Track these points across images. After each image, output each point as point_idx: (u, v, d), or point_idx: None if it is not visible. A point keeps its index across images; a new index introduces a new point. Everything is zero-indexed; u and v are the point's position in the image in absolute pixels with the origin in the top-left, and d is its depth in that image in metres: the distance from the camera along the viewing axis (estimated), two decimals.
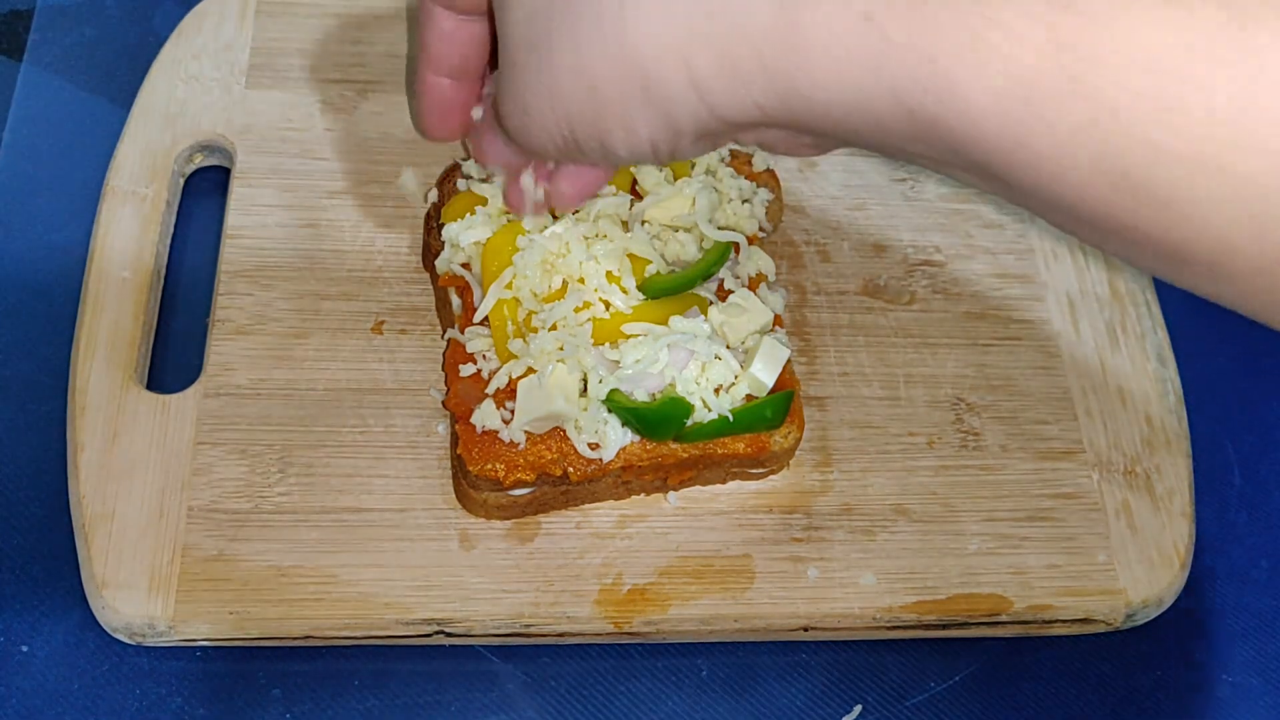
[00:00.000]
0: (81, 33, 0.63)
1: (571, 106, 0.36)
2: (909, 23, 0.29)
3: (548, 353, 0.47)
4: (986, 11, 0.28)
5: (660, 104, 0.34)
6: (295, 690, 0.47)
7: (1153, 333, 0.57)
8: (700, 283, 0.50)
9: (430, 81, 0.44)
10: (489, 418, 0.47)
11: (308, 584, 0.47)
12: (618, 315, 0.49)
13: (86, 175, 0.56)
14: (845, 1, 0.30)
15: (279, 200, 0.55)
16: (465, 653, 0.48)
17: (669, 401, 0.47)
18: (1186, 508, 0.53)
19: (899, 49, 0.29)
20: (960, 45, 0.28)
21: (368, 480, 0.49)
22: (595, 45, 0.34)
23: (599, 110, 0.35)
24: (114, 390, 0.50)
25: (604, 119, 0.35)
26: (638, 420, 0.47)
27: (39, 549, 0.48)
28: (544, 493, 0.48)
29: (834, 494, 0.51)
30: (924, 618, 0.49)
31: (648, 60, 0.33)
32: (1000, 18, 0.28)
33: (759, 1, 0.31)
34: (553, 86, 0.36)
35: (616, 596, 0.48)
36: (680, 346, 0.47)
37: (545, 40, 0.35)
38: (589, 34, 0.34)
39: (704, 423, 0.47)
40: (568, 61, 0.35)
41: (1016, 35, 0.28)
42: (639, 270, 0.50)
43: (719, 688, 0.49)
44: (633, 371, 0.47)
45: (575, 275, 0.49)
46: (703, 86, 0.33)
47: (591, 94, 0.35)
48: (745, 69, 0.32)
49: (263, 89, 0.59)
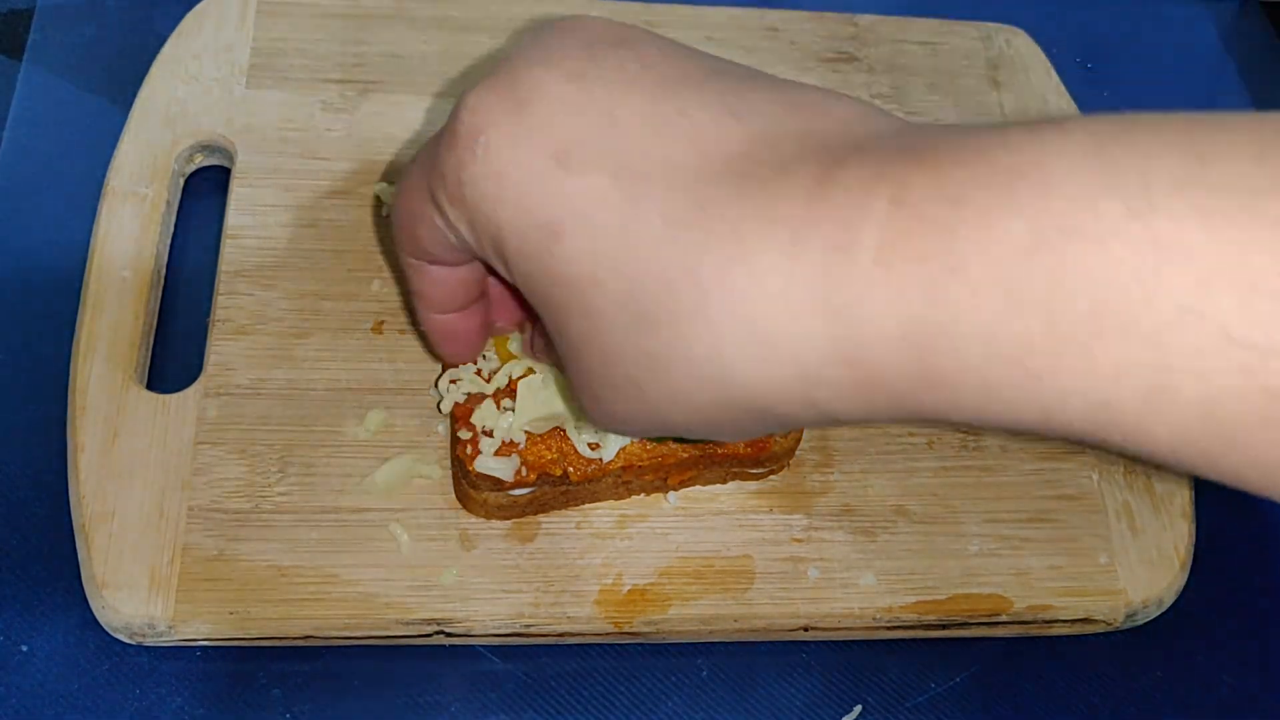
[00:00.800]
0: (81, 32, 0.62)
1: (670, 420, 0.33)
2: (1076, 376, 0.27)
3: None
4: (1172, 361, 0.25)
5: (778, 422, 0.32)
6: (295, 690, 0.47)
7: None
8: None
9: (434, 320, 0.42)
10: (489, 418, 0.47)
11: (308, 584, 0.47)
12: None
13: (86, 175, 0.56)
14: (990, 352, 0.27)
15: (279, 200, 0.55)
16: (465, 653, 0.48)
17: None
18: (1186, 508, 0.53)
19: (1071, 396, 0.27)
20: (1137, 393, 0.26)
21: (368, 479, 0.49)
22: (692, 385, 0.31)
23: (705, 426, 0.33)
24: (114, 390, 0.50)
25: (711, 432, 0.34)
26: None
27: (39, 549, 0.48)
28: (544, 493, 0.48)
29: (834, 494, 0.51)
30: (924, 618, 0.49)
31: (759, 400, 0.31)
32: (1187, 365, 0.25)
33: (887, 346, 0.29)
34: (643, 409, 0.33)
35: (617, 596, 0.48)
36: None
37: (625, 376, 0.32)
38: (682, 376, 0.31)
39: None
40: (661, 393, 0.32)
41: (1202, 371, 0.25)
42: None
43: (719, 688, 0.49)
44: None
45: None
46: (825, 408, 0.31)
47: (694, 414, 0.32)
48: (876, 402, 0.30)
49: (263, 89, 0.59)
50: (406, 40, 0.61)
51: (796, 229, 0.29)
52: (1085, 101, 0.65)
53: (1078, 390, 0.27)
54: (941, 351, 0.28)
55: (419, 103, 0.59)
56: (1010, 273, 0.27)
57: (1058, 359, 0.27)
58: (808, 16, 0.66)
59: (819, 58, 0.64)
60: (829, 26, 0.66)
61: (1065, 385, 0.27)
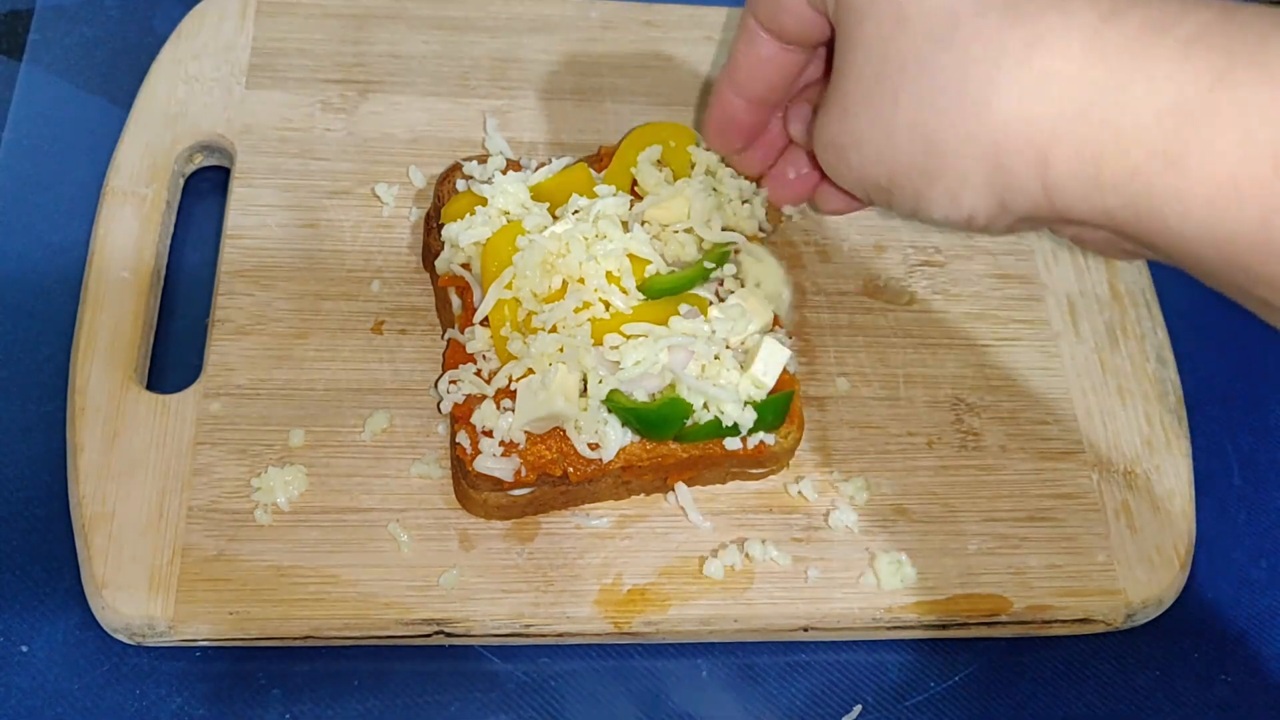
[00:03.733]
0: (81, 33, 0.62)
1: (899, 161, 0.35)
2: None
3: (548, 354, 0.47)
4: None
5: (999, 185, 0.33)
6: (295, 690, 0.47)
7: (1152, 333, 0.57)
8: (700, 283, 0.50)
9: (726, 97, 0.44)
10: (489, 418, 0.47)
11: (307, 584, 0.47)
12: (618, 315, 0.48)
13: (86, 175, 0.56)
14: (1249, 141, 0.29)
15: (279, 200, 0.55)
16: (465, 653, 0.48)
17: (669, 402, 0.47)
18: (1186, 508, 0.53)
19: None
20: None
21: (367, 480, 0.49)
22: (948, 112, 0.33)
23: (929, 174, 0.34)
24: (114, 390, 0.50)
25: (931, 183, 0.35)
26: (638, 421, 0.47)
27: (39, 549, 0.48)
28: (544, 493, 0.48)
29: (834, 494, 0.51)
30: (924, 618, 0.49)
31: (1002, 143, 0.32)
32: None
33: (1148, 117, 0.30)
34: (886, 136, 0.35)
35: (616, 596, 0.48)
36: (680, 348, 0.47)
37: (891, 90, 0.34)
38: (944, 99, 0.33)
39: (703, 423, 0.47)
40: (910, 117, 0.34)
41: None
42: (639, 270, 0.50)
43: (719, 688, 0.49)
44: (633, 373, 0.47)
45: (575, 275, 0.49)
46: (1053, 182, 0.32)
47: (926, 156, 0.34)
48: (1109, 179, 0.31)
49: (263, 89, 0.59)
50: (406, 40, 0.61)
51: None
52: None
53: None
54: (1196, 158, 0.30)
55: (418, 102, 0.59)
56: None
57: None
58: None
59: None
60: None
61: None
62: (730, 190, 0.53)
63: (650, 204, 0.52)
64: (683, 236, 0.51)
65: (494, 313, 0.49)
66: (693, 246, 0.52)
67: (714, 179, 0.53)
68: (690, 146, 0.54)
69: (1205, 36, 0.30)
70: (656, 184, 0.52)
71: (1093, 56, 0.31)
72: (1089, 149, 0.32)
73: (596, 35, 0.63)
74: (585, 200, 0.51)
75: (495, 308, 0.49)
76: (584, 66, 0.62)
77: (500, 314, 0.49)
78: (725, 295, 0.51)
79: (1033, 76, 0.32)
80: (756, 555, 0.49)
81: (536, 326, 0.48)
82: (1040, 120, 0.32)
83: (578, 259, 0.48)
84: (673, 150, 0.54)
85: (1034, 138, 0.32)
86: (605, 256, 0.49)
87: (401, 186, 0.56)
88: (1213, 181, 0.30)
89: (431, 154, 0.57)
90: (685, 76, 0.62)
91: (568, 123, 0.60)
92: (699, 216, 0.51)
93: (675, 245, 0.51)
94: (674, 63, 0.63)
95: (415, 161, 0.57)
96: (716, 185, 0.53)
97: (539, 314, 0.48)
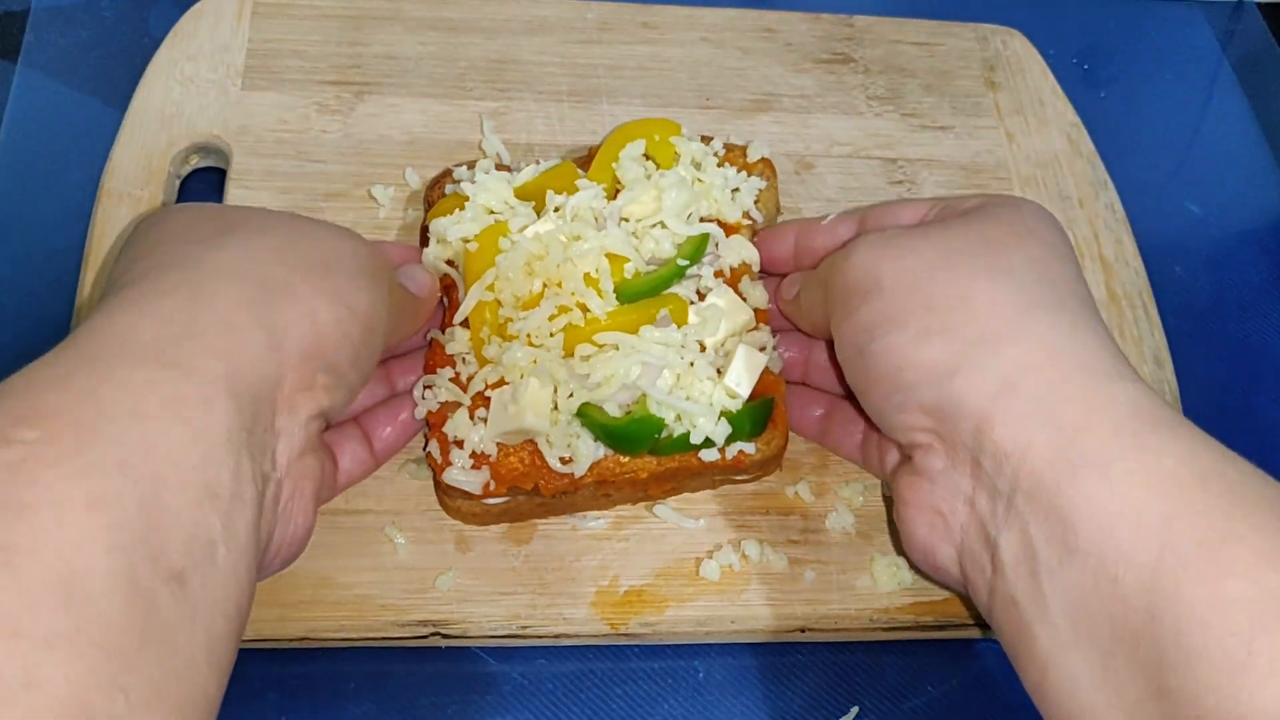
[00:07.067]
0: (77, 34, 0.62)
1: (878, 386, 0.44)
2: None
3: (520, 367, 0.46)
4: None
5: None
6: (291, 693, 0.47)
7: (1149, 336, 0.57)
8: (676, 281, 0.50)
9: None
10: (461, 428, 0.47)
11: (304, 586, 0.47)
12: (592, 322, 0.47)
13: (82, 177, 0.56)
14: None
15: (275, 202, 0.55)
16: (462, 655, 0.48)
17: (638, 420, 0.46)
18: None
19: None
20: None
21: (365, 483, 0.49)
22: (907, 374, 0.42)
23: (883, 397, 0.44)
24: None
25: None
26: (608, 437, 0.46)
27: None
28: (519, 503, 0.47)
29: (830, 496, 0.51)
30: (921, 619, 0.49)
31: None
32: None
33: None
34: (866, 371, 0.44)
35: (613, 598, 0.48)
36: (651, 362, 0.46)
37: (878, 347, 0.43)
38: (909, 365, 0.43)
39: (678, 436, 0.46)
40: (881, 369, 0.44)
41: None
42: (618, 270, 0.49)
43: (716, 689, 0.49)
44: (603, 390, 0.46)
45: (554, 279, 0.48)
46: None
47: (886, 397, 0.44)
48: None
49: (259, 90, 0.58)
50: (402, 42, 0.61)
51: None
52: (1082, 101, 0.65)
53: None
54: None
55: (414, 104, 0.59)
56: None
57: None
58: (804, 17, 0.66)
59: (815, 59, 0.64)
60: (825, 27, 0.66)
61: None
62: (715, 179, 0.52)
63: (626, 200, 0.51)
64: (658, 232, 0.50)
65: (474, 314, 0.48)
66: (668, 242, 0.50)
67: (698, 170, 0.53)
68: (674, 138, 0.53)
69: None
70: (636, 179, 0.52)
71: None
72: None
73: (593, 37, 0.63)
74: (563, 197, 0.50)
75: (476, 309, 0.48)
76: (581, 68, 0.62)
77: (480, 316, 0.48)
78: (706, 291, 0.50)
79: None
80: (753, 557, 0.49)
81: (512, 334, 0.47)
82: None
83: (555, 261, 0.48)
84: (657, 145, 0.53)
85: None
86: (581, 257, 0.48)
87: (397, 189, 0.56)
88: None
89: (427, 156, 0.57)
90: (682, 78, 0.62)
91: (564, 124, 0.60)
92: (672, 209, 0.50)
93: (650, 241, 0.50)
94: (671, 64, 0.63)
95: (411, 164, 0.57)
96: (700, 176, 0.52)
97: (514, 321, 0.47)
